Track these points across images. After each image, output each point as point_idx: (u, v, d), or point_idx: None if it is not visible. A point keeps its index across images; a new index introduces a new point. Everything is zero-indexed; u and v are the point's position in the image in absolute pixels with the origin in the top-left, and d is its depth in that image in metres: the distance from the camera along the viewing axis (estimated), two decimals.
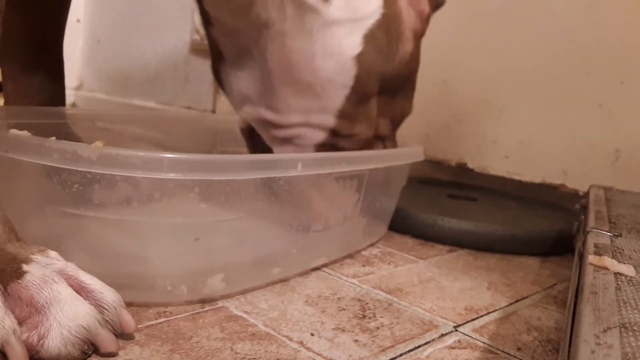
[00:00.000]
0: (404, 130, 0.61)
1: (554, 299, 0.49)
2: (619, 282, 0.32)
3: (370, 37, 0.47)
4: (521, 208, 0.75)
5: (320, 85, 0.47)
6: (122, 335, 0.32)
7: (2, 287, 0.29)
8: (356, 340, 0.36)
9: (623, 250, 0.39)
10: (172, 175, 0.33)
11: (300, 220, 0.45)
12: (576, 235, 0.54)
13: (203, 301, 0.39)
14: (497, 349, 0.38)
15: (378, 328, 0.38)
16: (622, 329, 0.25)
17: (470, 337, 0.39)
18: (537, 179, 0.84)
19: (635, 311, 0.28)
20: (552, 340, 0.40)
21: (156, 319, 0.35)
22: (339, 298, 0.43)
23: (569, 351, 0.26)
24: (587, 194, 0.62)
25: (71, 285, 0.31)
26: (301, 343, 0.35)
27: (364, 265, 0.51)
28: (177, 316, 0.36)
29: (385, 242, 0.60)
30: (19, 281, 0.30)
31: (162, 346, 0.32)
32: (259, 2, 0.45)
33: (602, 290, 0.31)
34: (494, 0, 0.88)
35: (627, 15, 0.75)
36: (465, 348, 0.37)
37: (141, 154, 0.33)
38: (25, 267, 0.30)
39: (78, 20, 1.49)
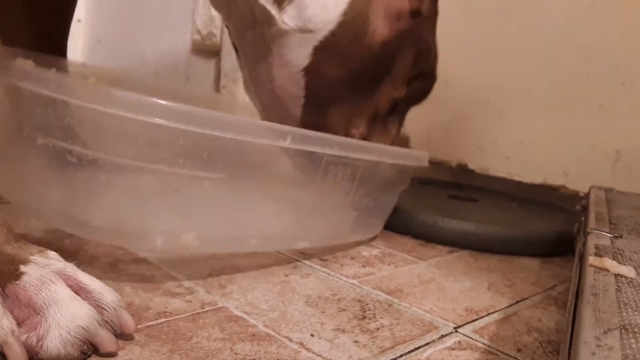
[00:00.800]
0: (407, 131, 0.61)
1: (554, 300, 0.49)
2: (620, 284, 0.32)
3: (321, 49, 0.45)
4: (522, 209, 0.75)
5: (280, 94, 0.47)
6: (122, 335, 0.32)
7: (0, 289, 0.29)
8: (356, 341, 0.36)
9: (624, 251, 0.39)
10: (157, 121, 0.33)
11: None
12: (577, 237, 0.54)
13: (203, 302, 0.39)
14: (498, 350, 0.38)
15: (378, 329, 0.38)
16: (623, 331, 0.25)
17: (471, 338, 0.39)
18: (538, 180, 0.84)
19: (636, 313, 0.28)
20: (553, 342, 0.40)
21: (156, 319, 0.35)
22: (339, 299, 0.43)
23: (569, 353, 0.26)
24: (587, 195, 0.62)
25: (70, 286, 0.31)
26: (301, 344, 0.35)
27: (364, 266, 0.51)
28: (177, 316, 0.36)
29: (385, 243, 0.60)
30: (16, 282, 0.29)
31: (162, 346, 0.32)
32: (240, 1, 0.44)
33: (602, 291, 0.31)
34: (495, 1, 0.88)
35: (627, 16, 0.75)
36: (465, 349, 0.37)
37: (133, 95, 0.33)
38: (23, 268, 0.30)
39: (79, 20, 1.49)
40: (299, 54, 0.45)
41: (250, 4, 0.44)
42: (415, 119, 1.02)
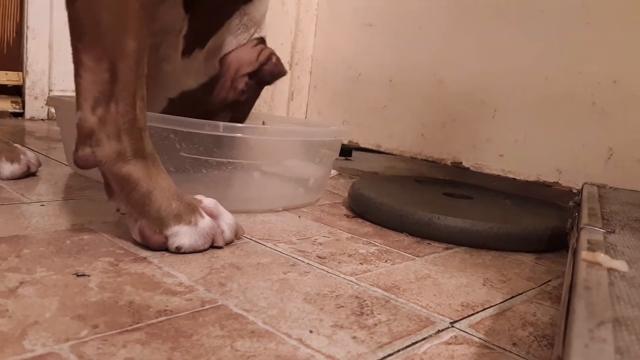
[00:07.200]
0: (402, 130, 0.62)
1: (548, 295, 0.50)
2: (612, 278, 0.33)
3: None
4: (516, 206, 0.76)
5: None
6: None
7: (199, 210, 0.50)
8: (354, 337, 0.36)
9: (616, 246, 0.40)
10: None
11: None
12: (570, 232, 0.55)
13: (203, 300, 0.39)
14: (493, 344, 0.38)
15: (376, 325, 0.39)
16: (616, 324, 0.26)
17: (467, 332, 0.40)
18: (532, 177, 0.85)
19: (628, 306, 0.28)
20: (547, 336, 0.41)
21: (157, 317, 0.36)
22: (337, 295, 0.43)
23: (563, 345, 0.27)
24: (580, 192, 0.62)
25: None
26: (300, 340, 0.35)
27: (361, 263, 0.52)
28: (178, 314, 0.37)
29: (382, 240, 0.61)
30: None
31: (163, 344, 0.32)
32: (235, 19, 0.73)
33: (595, 285, 0.31)
34: (488, 0, 0.89)
35: (619, 14, 0.76)
36: (461, 344, 0.38)
37: None
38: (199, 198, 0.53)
39: None
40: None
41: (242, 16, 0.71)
42: (411, 118, 1.02)
